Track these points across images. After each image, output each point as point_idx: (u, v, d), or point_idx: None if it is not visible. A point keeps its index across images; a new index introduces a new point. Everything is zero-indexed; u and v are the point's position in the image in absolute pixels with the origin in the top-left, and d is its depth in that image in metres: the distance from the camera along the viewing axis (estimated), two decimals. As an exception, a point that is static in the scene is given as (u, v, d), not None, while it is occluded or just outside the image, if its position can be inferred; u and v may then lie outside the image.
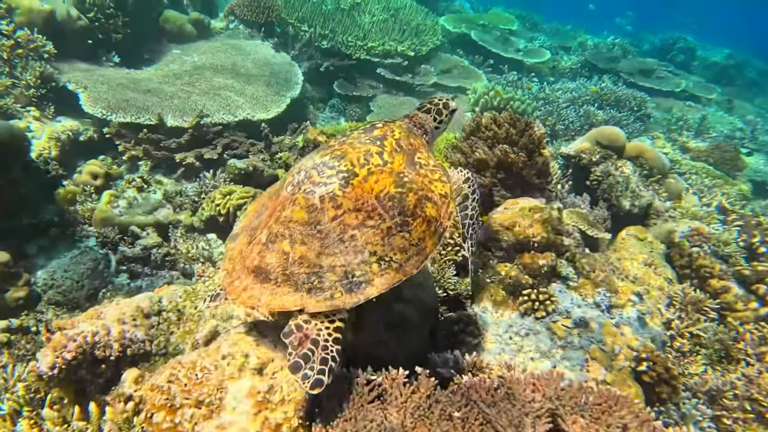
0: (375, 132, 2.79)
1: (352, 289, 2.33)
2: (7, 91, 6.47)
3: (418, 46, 11.34)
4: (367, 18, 11.61)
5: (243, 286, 2.43)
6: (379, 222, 2.46)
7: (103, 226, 5.57)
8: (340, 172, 2.51)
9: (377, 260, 2.40)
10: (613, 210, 5.79)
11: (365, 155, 2.60)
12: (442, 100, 3.27)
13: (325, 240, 2.39)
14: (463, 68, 11.68)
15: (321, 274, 2.34)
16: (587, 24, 21.23)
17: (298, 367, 2.17)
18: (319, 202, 2.44)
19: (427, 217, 2.58)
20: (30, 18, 6.92)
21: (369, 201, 2.48)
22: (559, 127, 9.90)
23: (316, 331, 2.28)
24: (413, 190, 2.59)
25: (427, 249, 2.54)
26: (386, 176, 2.57)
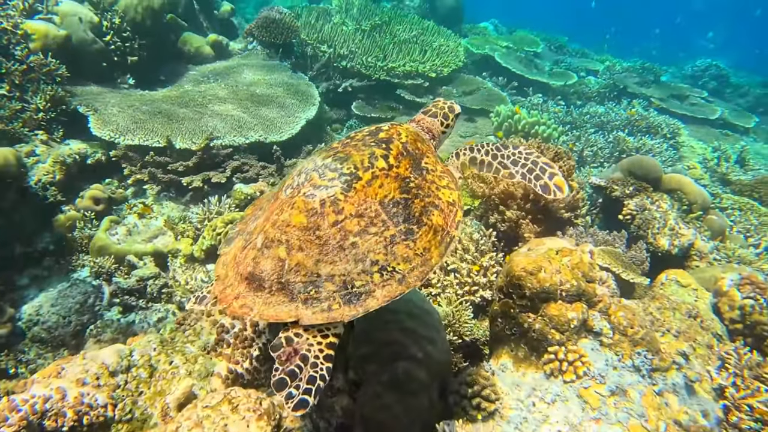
0: (381, 134, 2.63)
1: (352, 301, 2.16)
2: (16, 115, 6.30)
3: (440, 68, 11.02)
4: (388, 39, 11.36)
5: (235, 293, 2.27)
6: (382, 229, 2.30)
7: (100, 254, 5.28)
8: (342, 175, 2.36)
9: (379, 270, 2.23)
10: (649, 249, 5.26)
11: (370, 158, 2.44)
12: (446, 104, 3.08)
13: (324, 247, 2.23)
14: (486, 90, 11.30)
15: (318, 283, 2.19)
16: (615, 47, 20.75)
17: (283, 384, 1.99)
18: (320, 206, 2.28)
19: (434, 225, 2.41)
20: (45, 43, 6.78)
21: (372, 206, 2.33)
22: (587, 153, 9.39)
23: (306, 346, 2.11)
24: (419, 196, 2.45)
25: (432, 260, 2.36)
26: (391, 181, 2.42)
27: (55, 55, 6.81)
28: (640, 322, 3.46)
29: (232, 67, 9.15)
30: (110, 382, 2.65)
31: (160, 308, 5.05)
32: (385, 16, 12.54)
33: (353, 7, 12.77)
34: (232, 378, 2.86)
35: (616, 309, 3.49)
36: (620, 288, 4.41)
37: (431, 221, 2.42)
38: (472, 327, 4.48)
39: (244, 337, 3.00)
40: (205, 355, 2.93)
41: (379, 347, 3.07)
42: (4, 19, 6.63)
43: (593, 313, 3.43)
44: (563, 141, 9.29)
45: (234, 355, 2.94)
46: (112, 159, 6.48)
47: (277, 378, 2.01)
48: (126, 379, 2.72)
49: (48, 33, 6.80)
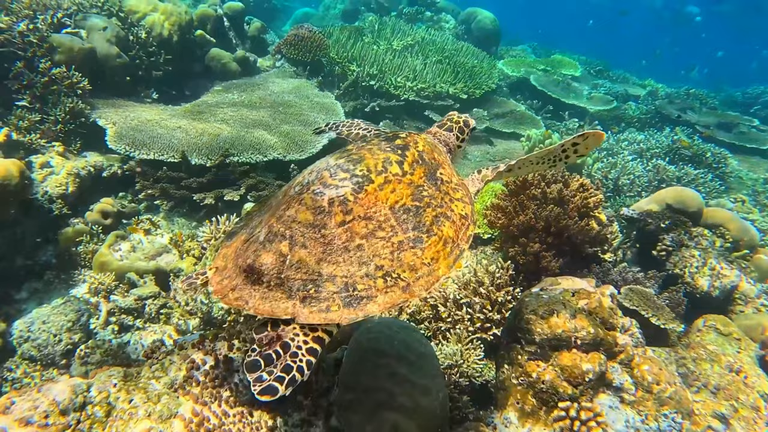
0: (397, 141, 2.58)
1: (352, 304, 2.09)
2: (35, 126, 6.31)
3: (472, 89, 10.71)
4: (419, 59, 11.15)
5: (231, 285, 2.21)
6: (390, 234, 2.24)
7: (102, 270, 5.13)
8: (354, 177, 2.31)
9: (383, 275, 2.16)
10: (686, 290, 4.75)
11: (384, 163, 2.40)
12: (462, 117, 3.09)
13: (328, 246, 2.17)
14: (519, 113, 10.90)
15: (319, 282, 2.12)
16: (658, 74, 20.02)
17: (255, 367, 1.89)
18: (328, 205, 2.23)
19: (444, 236, 2.36)
20: (70, 56, 6.82)
21: (382, 210, 2.28)
22: (623, 182, 8.84)
23: (291, 335, 2.02)
24: (431, 205, 2.40)
25: (439, 271, 2.29)
26: (404, 187, 2.38)
27: (79, 69, 6.83)
28: (668, 378, 3.00)
29: (258, 84, 9.09)
30: (59, 422, 2.38)
31: (157, 329, 4.84)
32: (417, 36, 12.37)
33: (386, 27, 12.67)
34: (197, 421, 2.56)
35: (641, 361, 3.05)
36: (650, 334, 3.94)
37: (442, 232, 2.35)
38: (483, 368, 4.07)
39: (215, 375, 2.71)
40: (170, 394, 2.65)
41: (363, 394, 2.72)
42: (31, 33, 6.71)
43: (613, 365, 3.00)
44: (597, 168, 8.80)
45: (202, 395, 2.65)
46: (126, 173, 6.41)
47: (251, 359, 1.92)
48: (78, 418, 2.45)
49: (73, 46, 6.84)
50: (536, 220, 4.35)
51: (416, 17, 15.18)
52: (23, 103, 6.43)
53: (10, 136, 5.79)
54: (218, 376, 2.70)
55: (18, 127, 6.13)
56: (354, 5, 16.82)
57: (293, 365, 1.90)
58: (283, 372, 1.87)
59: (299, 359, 1.93)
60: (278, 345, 1.98)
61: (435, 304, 4.52)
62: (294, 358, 1.93)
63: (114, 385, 2.61)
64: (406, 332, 2.99)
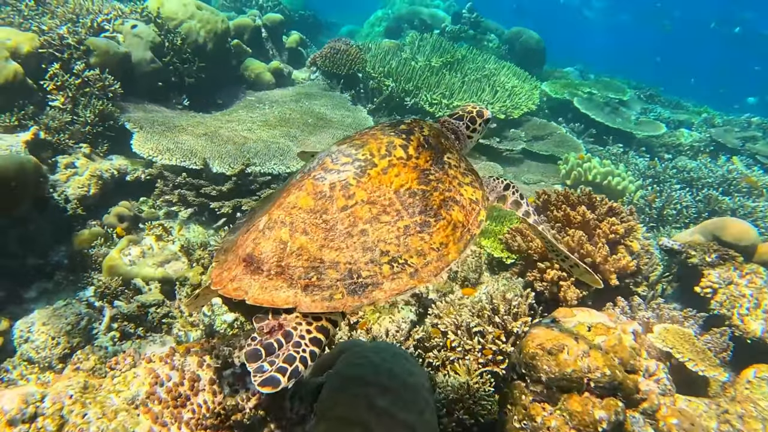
0: (401, 126, 2.51)
1: (356, 291, 2.00)
2: (65, 127, 6.36)
3: (510, 109, 10.34)
4: (457, 78, 10.88)
5: (231, 276, 2.14)
6: (395, 218, 2.16)
7: (110, 274, 5.02)
8: (356, 161, 2.25)
9: (389, 261, 2.08)
10: (734, 334, 4.22)
11: (387, 147, 2.33)
12: (475, 108, 2.97)
13: (330, 232, 2.10)
14: (559, 136, 10.44)
15: (321, 270, 2.04)
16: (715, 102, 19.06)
17: (256, 356, 1.82)
18: (329, 189, 2.17)
19: (453, 220, 2.27)
20: (105, 59, 6.90)
21: (386, 194, 2.20)
22: (669, 212, 8.24)
23: (294, 324, 1.95)
24: (439, 189, 2.31)
25: (449, 256, 2.20)
26: (409, 171, 2.30)
27: (112, 72, 6.89)
28: (705, 441, 2.55)
29: (290, 95, 9.02)
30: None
31: (157, 339, 4.67)
32: (458, 54, 12.12)
33: (427, 44, 12.49)
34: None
35: (669, 413, 2.63)
36: (688, 382, 3.47)
37: (450, 216, 2.27)
38: (492, 405, 3.68)
39: (178, 393, 2.46)
40: (130, 410, 2.41)
41: (338, 426, 2.41)
42: (70, 36, 6.82)
43: (633, 414, 2.59)
44: (640, 195, 8.24)
45: (162, 415, 2.40)
46: (147, 177, 6.37)
47: (252, 348, 1.84)
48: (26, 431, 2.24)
49: (108, 50, 6.92)
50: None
51: (459, 36, 14.98)
52: (56, 104, 6.51)
53: (38, 135, 5.83)
54: (181, 394, 2.45)
55: (48, 126, 6.19)
56: (397, 23, 16.79)
57: (296, 355, 1.83)
58: (285, 362, 1.80)
59: (302, 349, 1.86)
60: (280, 334, 1.91)
61: (445, 331, 4.18)
62: (297, 348, 1.86)
63: (70, 397, 2.40)
64: (395, 360, 2.67)
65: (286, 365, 1.79)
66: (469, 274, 5.23)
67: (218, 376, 2.57)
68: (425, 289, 4.82)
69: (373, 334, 4.26)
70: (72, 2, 7.36)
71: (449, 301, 4.64)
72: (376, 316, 4.55)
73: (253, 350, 1.83)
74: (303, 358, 1.84)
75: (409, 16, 16.79)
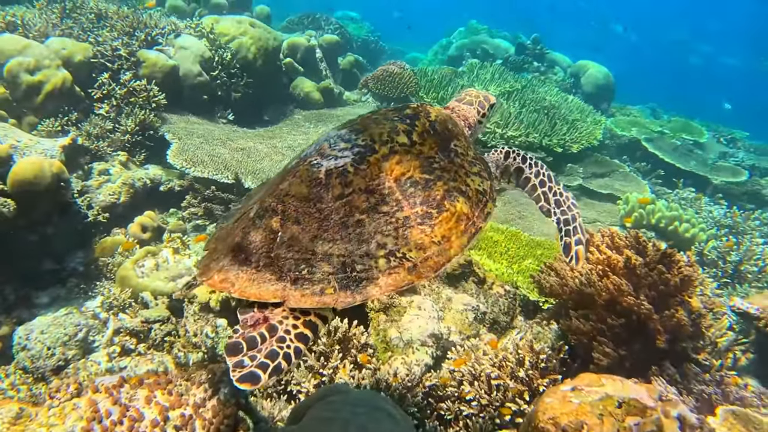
0: (406, 111, 2.36)
1: (349, 286, 1.89)
2: (106, 134, 6.41)
3: (569, 143, 9.68)
4: (515, 107, 10.37)
5: (218, 267, 2.00)
6: (394, 209, 2.04)
7: (121, 285, 4.86)
8: (355, 147, 2.12)
9: (386, 255, 1.96)
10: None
11: (390, 132, 2.19)
12: (481, 93, 2.85)
13: (324, 222, 1.98)
14: (622, 175, 9.65)
15: (313, 262, 1.92)
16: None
17: (237, 350, 1.72)
18: (325, 177, 2.04)
19: (457, 212, 2.13)
20: (152, 71, 6.99)
21: (386, 183, 2.07)
22: (748, 269, 7.26)
23: (280, 317, 1.85)
24: (443, 179, 2.18)
25: (451, 250, 2.08)
26: (412, 159, 2.16)
27: (159, 83, 6.95)
28: None
29: (336, 115, 8.85)
30: None
31: (156, 358, 4.40)
32: (517, 84, 11.63)
33: (486, 72, 12.09)
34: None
35: None
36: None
37: (455, 207, 2.12)
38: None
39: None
40: (58, 453, 2.08)
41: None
42: (123, 47, 6.95)
43: None
44: (712, 246, 7.34)
45: (91, 463, 2.05)
46: (180, 189, 6.27)
47: (233, 341, 1.75)
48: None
49: (157, 62, 6.99)
50: (596, 291, 3.37)
51: (522, 66, 14.46)
52: (101, 112, 6.59)
53: (76, 140, 5.86)
54: (116, 439, 2.10)
55: (89, 133, 6.24)
56: (460, 52, 16.52)
57: (279, 351, 1.72)
58: (267, 358, 1.69)
59: (287, 345, 1.75)
60: (264, 327, 1.80)
61: (461, 380, 3.65)
62: (281, 344, 1.75)
63: None
64: (370, 416, 2.22)
65: (267, 361, 1.68)
66: (500, 316, 4.68)
67: (164, 417, 2.21)
68: (446, 329, 4.31)
69: (378, 376, 3.80)
70: (131, 17, 7.54)
71: (471, 346, 4.12)
72: (387, 356, 4.09)
73: (234, 343, 1.73)
74: (286, 354, 1.72)
75: (472, 46, 16.49)
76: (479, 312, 4.56)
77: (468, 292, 4.76)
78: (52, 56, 6.20)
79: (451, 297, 4.60)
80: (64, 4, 7.24)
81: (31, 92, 6.06)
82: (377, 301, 4.32)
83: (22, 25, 6.65)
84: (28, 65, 5.99)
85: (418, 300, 4.33)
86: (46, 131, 6.10)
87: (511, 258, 5.64)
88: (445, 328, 4.32)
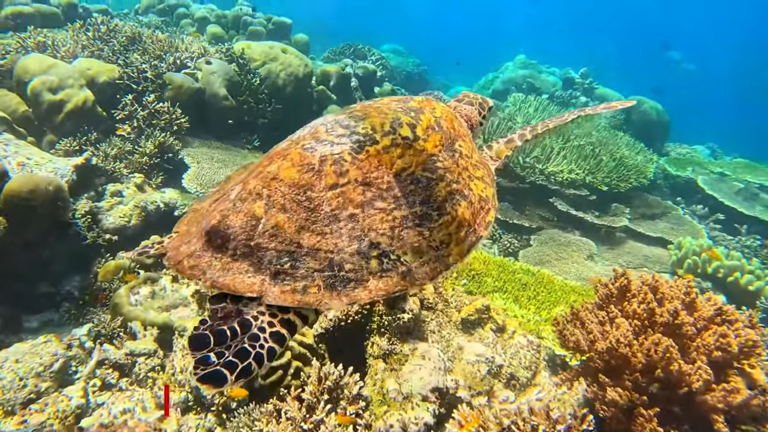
0: (411, 103, 2.20)
1: (335, 286, 1.68)
2: (124, 155, 6.30)
3: (616, 181, 8.97)
4: (558, 142, 9.78)
5: (189, 251, 1.79)
6: (392, 206, 1.83)
7: (113, 313, 4.57)
8: (354, 134, 1.90)
9: (379, 255, 1.76)
10: None
11: (393, 123, 1.99)
12: (477, 96, 2.75)
13: (313, 212, 1.75)
14: (675, 217, 8.82)
15: (297, 256, 1.70)
16: None
17: (202, 344, 1.49)
18: (318, 163, 1.81)
19: (458, 217, 1.97)
20: (177, 93, 6.90)
21: (384, 177, 1.86)
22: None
23: (255, 312, 1.62)
24: (446, 179, 2.00)
25: (449, 258, 1.90)
26: (414, 154, 1.96)
27: (184, 106, 6.84)
28: None
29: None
30: None
31: (135, 396, 4.03)
32: (562, 118, 11.05)
33: (529, 105, 11.58)
34: None
35: None
36: None
37: (456, 212, 1.99)
38: None
39: None
40: None
41: None
42: (150, 69, 6.91)
43: None
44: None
45: None
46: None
47: (199, 333, 1.53)
48: None
49: (182, 85, 6.89)
50: (632, 351, 2.75)
51: (569, 101, 13.88)
52: (122, 133, 6.50)
53: (90, 160, 5.74)
54: None
55: (106, 154, 6.13)
56: (505, 86, 16.14)
57: (251, 351, 1.52)
58: (236, 357, 1.49)
59: (260, 344, 1.55)
60: (236, 322, 1.60)
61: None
62: (254, 342, 1.55)
63: None
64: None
65: (236, 360, 1.48)
66: (519, 371, 4.05)
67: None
68: (453, 383, 3.74)
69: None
70: (164, 40, 7.55)
71: (480, 405, 3.54)
72: (382, 410, 3.56)
73: (200, 335, 1.52)
74: (258, 355, 1.52)
75: (518, 80, 16.08)
76: (494, 365, 3.97)
77: (484, 340, 4.18)
78: (76, 76, 6.18)
79: (463, 346, 4.04)
80: (98, 27, 7.31)
81: (53, 111, 6.03)
82: (377, 347, 3.82)
83: (52, 46, 6.72)
84: (51, 84, 5.98)
85: (423, 348, 3.80)
86: (63, 150, 6.03)
87: (540, 304, 5.03)
88: (452, 382, 3.75)
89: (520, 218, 8.35)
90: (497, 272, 5.27)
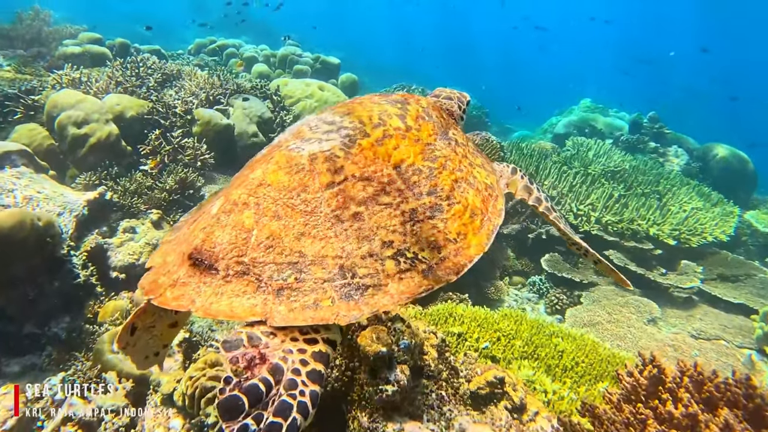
0: (394, 96, 2.07)
1: (351, 296, 1.48)
2: (144, 191, 6.11)
3: (686, 235, 7.87)
4: (618, 189, 8.83)
5: (171, 280, 1.54)
6: (398, 200, 1.67)
7: (94, 360, 4.18)
8: (342, 129, 1.76)
9: (394, 255, 1.59)
10: None
11: (380, 115, 1.85)
12: (454, 91, 2.54)
13: (312, 216, 1.58)
14: (762, 281, 7.56)
15: (301, 267, 1.51)
16: None
17: (235, 408, 1.21)
18: (309, 162, 1.65)
19: (470, 205, 1.81)
20: (205, 129, 6.74)
21: (384, 170, 1.71)
22: None
23: (281, 352, 1.36)
24: (448, 168, 1.86)
25: (470, 249, 1.71)
26: (410, 144, 1.83)
27: (212, 142, 6.65)
28: None
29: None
30: None
31: (97, 463, 3.55)
32: (625, 163, 10.08)
33: (588, 149, 10.71)
34: None
35: None
36: None
37: (466, 200, 1.80)
38: None
39: None
40: None
41: None
42: (180, 104, 6.79)
43: None
44: None
45: None
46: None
47: (228, 396, 1.21)
48: None
49: (210, 120, 6.72)
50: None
51: (636, 146, 12.79)
52: (144, 168, 6.34)
53: (104, 195, 5.54)
54: None
55: (125, 189, 5.95)
56: (567, 129, 15.28)
57: (292, 403, 1.25)
58: (277, 417, 1.21)
59: (299, 391, 1.27)
60: (266, 370, 1.30)
61: None
62: (292, 390, 1.27)
63: None
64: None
65: (279, 420, 1.21)
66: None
67: None
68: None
69: None
70: (200, 77, 7.48)
71: None
72: None
73: (231, 399, 1.21)
74: (302, 404, 1.25)
75: (581, 124, 15.18)
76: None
77: (496, 422, 3.38)
78: (103, 110, 6.12)
79: (466, 428, 3.26)
80: (136, 64, 7.35)
81: (76, 144, 5.95)
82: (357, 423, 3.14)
83: (86, 83, 6.75)
84: (76, 118, 5.92)
85: (411, 429, 3.07)
86: (83, 184, 5.90)
87: (578, 377, 4.15)
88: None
89: (571, 272, 7.43)
90: (528, 334, 4.46)
